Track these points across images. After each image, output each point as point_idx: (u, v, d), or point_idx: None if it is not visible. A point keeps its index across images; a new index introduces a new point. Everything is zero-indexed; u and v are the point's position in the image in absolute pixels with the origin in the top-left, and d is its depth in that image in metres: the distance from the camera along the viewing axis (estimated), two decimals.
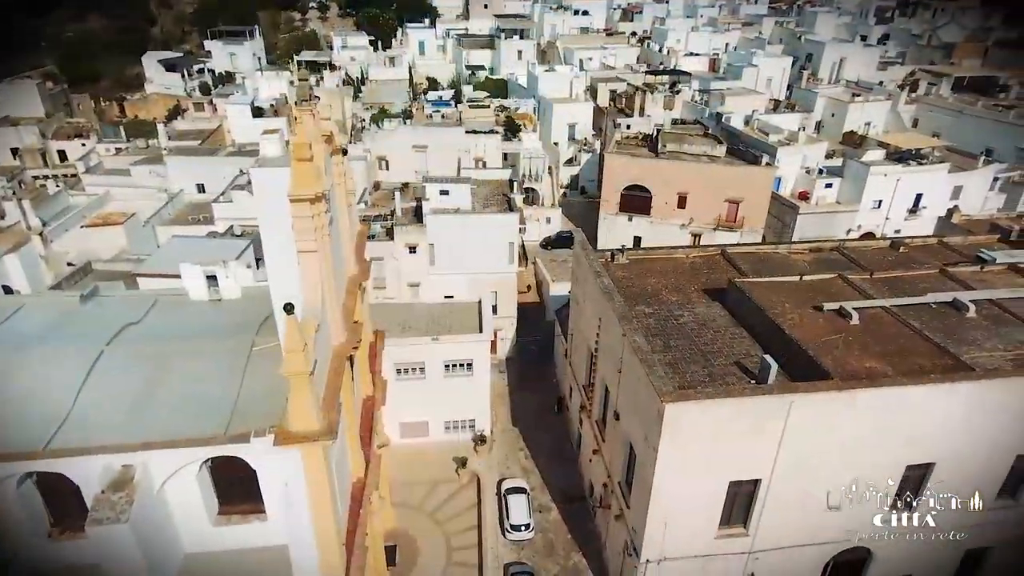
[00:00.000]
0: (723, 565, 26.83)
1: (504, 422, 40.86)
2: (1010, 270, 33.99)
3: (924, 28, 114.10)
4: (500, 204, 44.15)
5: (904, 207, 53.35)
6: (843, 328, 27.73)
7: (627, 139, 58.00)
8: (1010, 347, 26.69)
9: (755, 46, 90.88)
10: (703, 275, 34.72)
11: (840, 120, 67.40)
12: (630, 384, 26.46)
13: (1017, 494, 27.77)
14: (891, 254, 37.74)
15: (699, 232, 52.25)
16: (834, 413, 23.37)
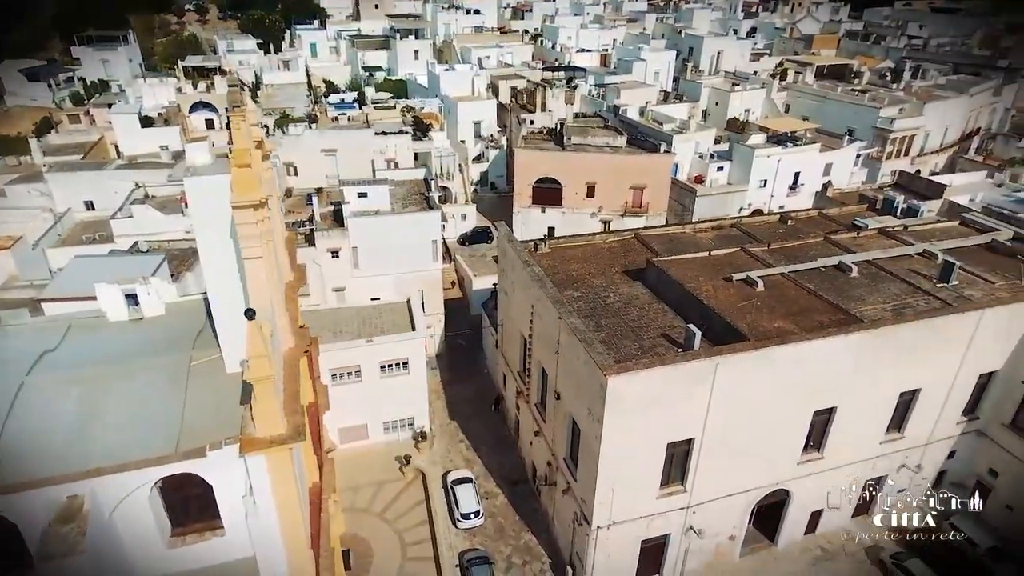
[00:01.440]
0: (665, 521, 29.04)
1: (442, 417, 41.47)
2: (880, 234, 38.61)
3: (785, 22, 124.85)
4: (419, 203, 44.55)
5: (786, 185, 58.77)
6: (751, 295, 30.69)
7: (533, 134, 59.87)
8: (888, 300, 30.62)
9: (641, 41, 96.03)
10: (621, 258, 36.87)
11: (723, 108, 72.94)
12: (569, 364, 27.95)
13: (903, 427, 31.90)
14: (781, 227, 41.67)
15: (609, 219, 54.99)
16: (753, 370, 25.94)
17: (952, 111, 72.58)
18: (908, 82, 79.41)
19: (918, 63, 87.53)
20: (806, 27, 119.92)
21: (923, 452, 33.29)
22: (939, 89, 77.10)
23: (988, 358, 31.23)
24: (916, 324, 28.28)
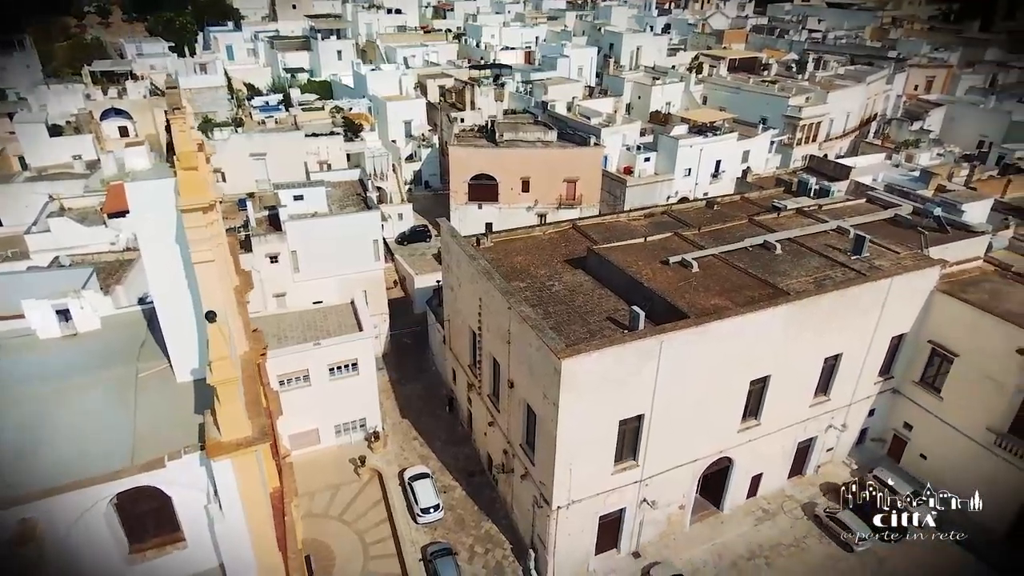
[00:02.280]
0: (620, 496, 30.35)
1: (393, 416, 41.48)
2: (797, 214, 41.48)
3: (697, 18, 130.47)
4: (357, 203, 44.27)
5: (708, 172, 61.84)
6: (687, 276, 32.46)
7: (465, 132, 60.37)
8: (810, 273, 33.09)
9: (563, 39, 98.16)
10: (562, 248, 37.96)
11: (646, 101, 75.71)
12: (522, 351, 28.73)
13: (828, 390, 34.54)
14: (708, 212, 43.95)
15: (545, 212, 56.25)
16: (694, 345, 27.53)
17: (852, 99, 78.16)
18: (812, 73, 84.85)
19: (819, 55, 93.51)
20: (716, 23, 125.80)
21: (847, 412, 36.14)
22: (839, 79, 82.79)
23: (898, 322, 34.29)
24: (835, 294, 30.76)
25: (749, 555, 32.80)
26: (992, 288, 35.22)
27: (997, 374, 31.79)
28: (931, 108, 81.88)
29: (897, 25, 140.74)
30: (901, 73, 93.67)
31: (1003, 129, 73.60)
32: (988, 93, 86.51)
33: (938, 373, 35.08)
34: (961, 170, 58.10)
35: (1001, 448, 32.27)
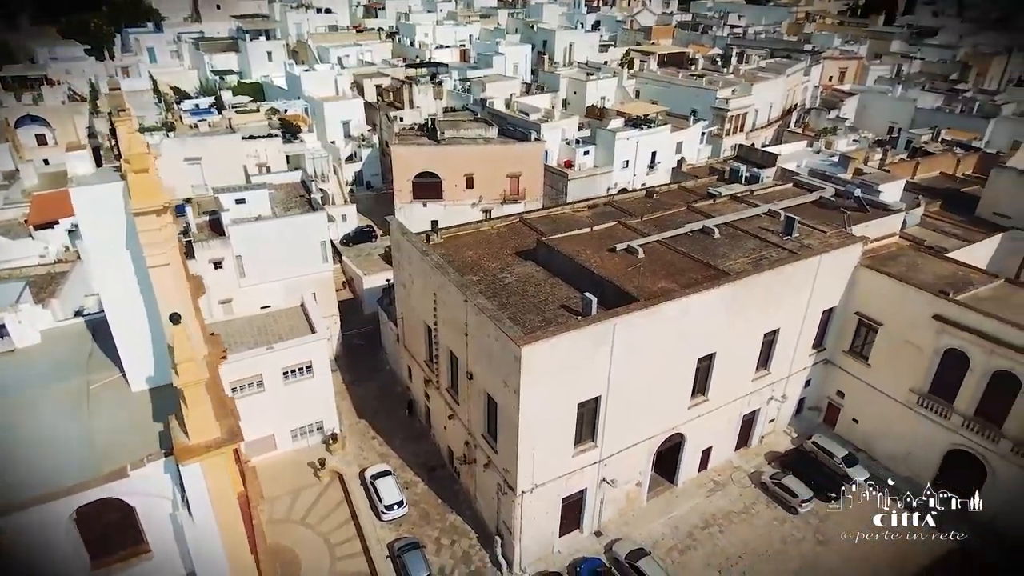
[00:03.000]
0: (581, 477, 31.37)
1: (350, 417, 41.27)
2: (732, 199, 43.65)
3: (625, 15, 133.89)
4: (301, 205, 43.71)
5: (645, 164, 63.92)
6: (634, 262, 33.79)
7: (405, 131, 60.28)
8: (747, 254, 35.03)
9: (496, 37, 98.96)
10: (511, 241, 38.67)
11: (582, 97, 77.39)
12: (480, 342, 29.31)
13: (768, 364, 36.64)
14: (648, 201, 45.60)
15: (489, 208, 56.88)
16: (645, 327, 28.78)
17: (774, 90, 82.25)
18: (736, 66, 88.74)
19: (742, 49, 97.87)
20: (643, 19, 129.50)
21: (786, 384, 38.43)
22: (761, 71, 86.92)
23: (828, 296, 36.75)
24: (771, 273, 32.75)
25: (703, 524, 34.47)
26: (908, 261, 38.23)
27: (917, 339, 34.55)
28: (845, 97, 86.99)
29: (810, 20, 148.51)
30: (817, 65, 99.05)
31: (910, 115, 79.05)
32: (895, 82, 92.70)
33: (865, 342, 37.75)
34: (875, 154, 62.15)
35: (923, 407, 35.10)
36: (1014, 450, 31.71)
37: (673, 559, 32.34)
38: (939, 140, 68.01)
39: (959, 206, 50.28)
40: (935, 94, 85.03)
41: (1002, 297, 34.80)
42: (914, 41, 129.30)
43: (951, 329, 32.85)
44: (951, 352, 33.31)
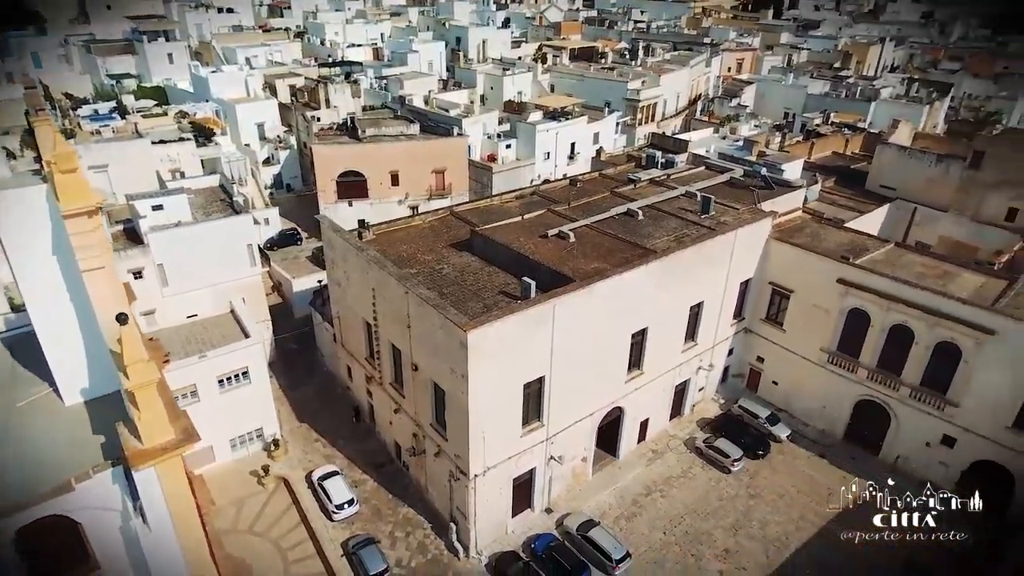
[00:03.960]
0: (530, 457, 32.37)
1: (291, 422, 40.48)
2: (651, 183, 45.87)
3: (533, 11, 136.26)
4: (223, 209, 42.33)
5: (565, 154, 65.75)
6: (566, 246, 35.07)
7: (325, 130, 59.30)
8: (670, 233, 37.08)
9: (408, 34, 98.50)
10: (444, 234, 39.08)
11: (499, 92, 78.46)
12: (424, 332, 29.67)
13: (695, 336, 38.93)
14: (572, 189, 47.06)
15: (416, 204, 56.93)
16: (582, 306, 30.06)
17: (680, 81, 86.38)
18: (643, 59, 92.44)
19: (647, 43, 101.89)
20: (552, 15, 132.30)
21: (712, 354, 40.93)
22: (667, 64, 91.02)
23: (744, 268, 39.46)
24: (693, 248, 34.88)
25: (646, 491, 36.31)
26: (812, 232, 41.62)
27: (824, 302, 37.72)
28: (744, 86, 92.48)
29: (707, 15, 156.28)
30: (716, 57, 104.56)
31: (802, 101, 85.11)
32: (787, 71, 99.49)
33: (779, 309, 40.79)
34: (775, 138, 66.67)
35: (832, 364, 38.38)
36: (912, 395, 35.31)
37: (621, 526, 33.92)
38: (829, 123, 73.79)
39: (850, 181, 54.99)
40: (822, 81, 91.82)
41: (893, 259, 38.56)
42: (800, 33, 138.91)
43: (853, 291, 36.12)
44: (854, 312, 36.62)
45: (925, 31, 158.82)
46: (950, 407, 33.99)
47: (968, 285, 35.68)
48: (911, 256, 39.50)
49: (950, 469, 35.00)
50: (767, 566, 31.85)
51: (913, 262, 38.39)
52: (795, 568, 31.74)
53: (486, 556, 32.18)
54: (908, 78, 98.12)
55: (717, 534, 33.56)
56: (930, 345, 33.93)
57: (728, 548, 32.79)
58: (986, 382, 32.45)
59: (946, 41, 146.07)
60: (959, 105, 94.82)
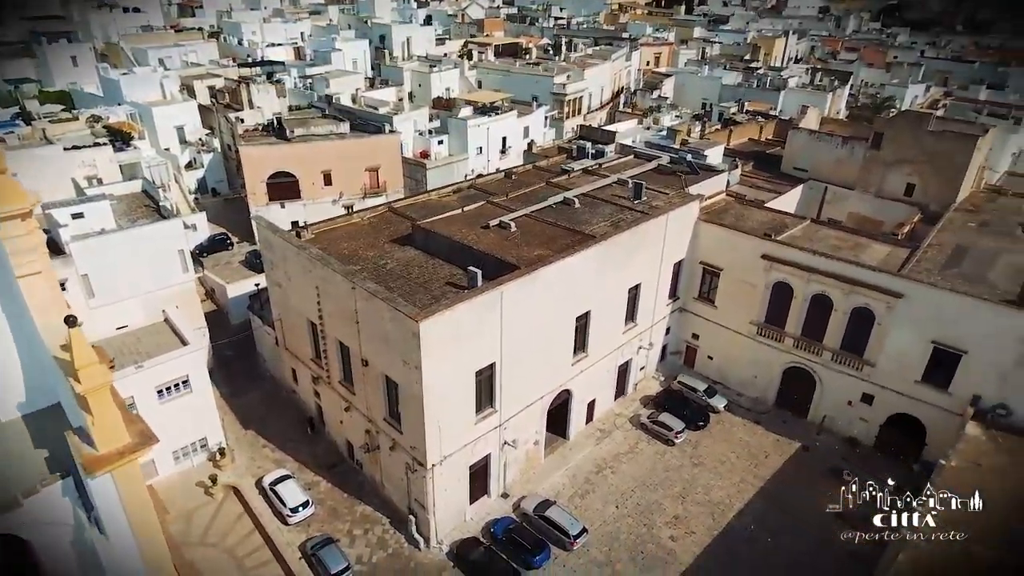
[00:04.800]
0: (484, 443, 32.99)
1: (235, 430, 39.45)
2: (584, 173, 47.31)
3: (455, 9, 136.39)
4: (148, 215, 40.69)
5: (497, 149, 66.57)
6: (508, 235, 35.83)
7: (250, 131, 57.67)
8: (606, 219, 38.49)
9: (330, 33, 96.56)
10: (384, 230, 39.00)
11: (427, 89, 78.38)
12: (374, 327, 29.72)
13: (635, 317, 40.56)
14: (508, 182, 47.84)
15: (351, 203, 56.26)
16: (528, 292, 30.89)
17: (603, 75, 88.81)
18: (566, 54, 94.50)
19: (569, 38, 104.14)
20: (474, 12, 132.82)
21: (650, 333, 42.72)
22: (590, 58, 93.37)
23: (677, 250, 41.40)
24: (630, 232, 36.36)
25: (597, 469, 37.62)
26: (736, 213, 44.09)
27: (751, 278, 40.10)
28: (664, 79, 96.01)
29: (623, 11, 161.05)
30: (636, 51, 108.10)
31: (717, 91, 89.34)
32: (702, 64, 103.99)
33: (710, 287, 43.03)
34: (695, 127, 69.77)
35: (761, 335, 40.88)
36: (833, 358, 38.15)
37: (576, 504, 35.05)
38: (744, 111, 77.85)
39: (766, 165, 58.35)
40: (735, 72, 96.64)
41: (810, 235, 41.45)
42: (711, 28, 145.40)
43: (777, 265, 38.62)
44: (778, 285, 39.15)
45: (823, 25, 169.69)
46: (867, 367, 36.96)
47: (877, 255, 38.86)
48: (825, 231, 42.56)
49: (870, 424, 38.09)
50: (714, 527, 33.73)
51: (828, 236, 41.40)
52: (739, 526, 33.77)
53: (447, 545, 32.56)
54: (812, 68, 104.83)
55: (666, 503, 35.21)
56: (847, 311, 36.76)
57: (677, 515, 34.48)
58: (897, 342, 35.50)
59: (842, 34, 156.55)
60: (858, 92, 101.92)
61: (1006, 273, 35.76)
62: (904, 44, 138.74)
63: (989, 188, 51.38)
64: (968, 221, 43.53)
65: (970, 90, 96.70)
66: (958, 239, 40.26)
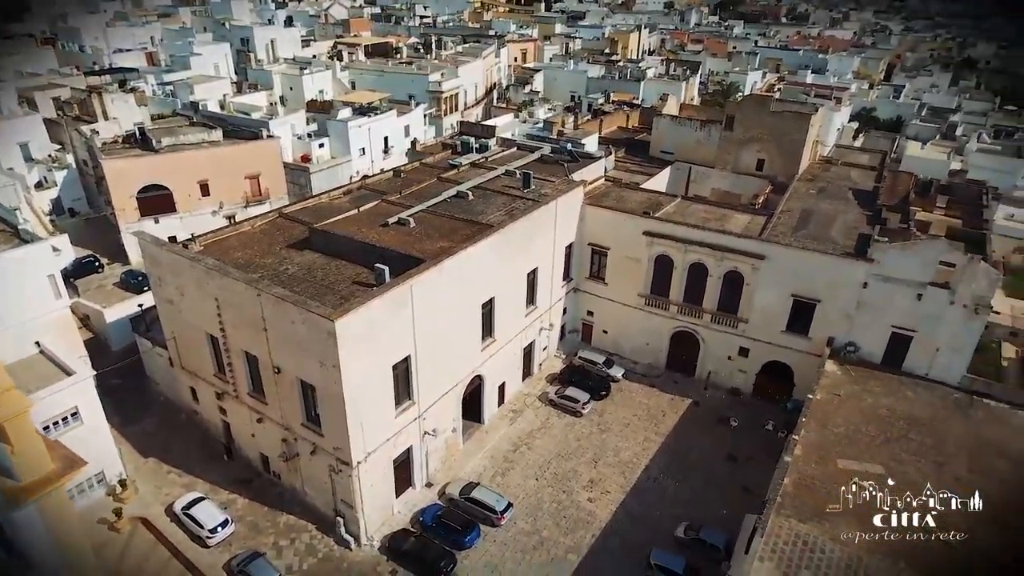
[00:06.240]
0: (406, 436, 33.68)
1: (135, 459, 37.20)
2: (472, 166, 48.81)
3: (316, 9, 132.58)
4: (8, 239, 37.09)
5: (380, 149, 66.42)
6: (409, 231, 36.58)
7: (111, 144, 53.62)
8: (500, 208, 40.25)
9: (184, 36, 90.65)
10: (277, 236, 38.12)
11: (299, 92, 76.13)
12: (284, 332, 29.44)
13: (535, 300, 42.67)
14: (398, 180, 48.28)
15: (233, 212, 54.10)
16: (436, 283, 31.89)
17: (475, 72, 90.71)
18: (437, 52, 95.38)
19: (438, 36, 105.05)
20: (336, 12, 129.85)
21: (549, 314, 45.12)
22: (461, 56, 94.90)
23: (567, 233, 44.01)
24: (524, 219, 38.33)
25: (513, 448, 39.44)
26: (616, 195, 47.52)
27: (635, 253, 43.52)
28: (533, 74, 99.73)
29: (487, 8, 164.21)
30: (504, 48, 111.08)
31: (584, 84, 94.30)
32: (567, 59, 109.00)
33: (600, 266, 46.12)
34: (568, 118, 73.51)
35: (649, 306, 44.53)
36: (712, 319, 42.45)
37: (498, 482, 36.65)
38: (610, 101, 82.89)
39: (636, 150, 62.94)
40: (598, 66, 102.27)
41: (682, 210, 45.61)
42: (571, 24, 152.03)
43: (657, 240, 42.26)
44: (660, 257, 42.83)
45: (670, 19, 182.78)
46: (741, 324, 41.54)
47: (740, 224, 43.60)
48: (695, 206, 46.97)
49: (748, 374, 42.84)
50: (626, 484, 36.64)
51: (697, 211, 45.78)
52: (647, 479, 36.94)
53: (377, 541, 32.97)
54: (665, 59, 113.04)
55: (581, 469, 37.70)
56: (720, 276, 41.07)
57: (592, 479, 37.05)
58: (764, 298, 40.23)
59: (687, 27, 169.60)
60: (707, 80, 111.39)
61: (843, 230, 41.57)
62: (740, 36, 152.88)
63: (823, 159, 58.78)
64: (809, 189, 49.77)
65: (798, 75, 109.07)
66: (803, 205, 46.02)
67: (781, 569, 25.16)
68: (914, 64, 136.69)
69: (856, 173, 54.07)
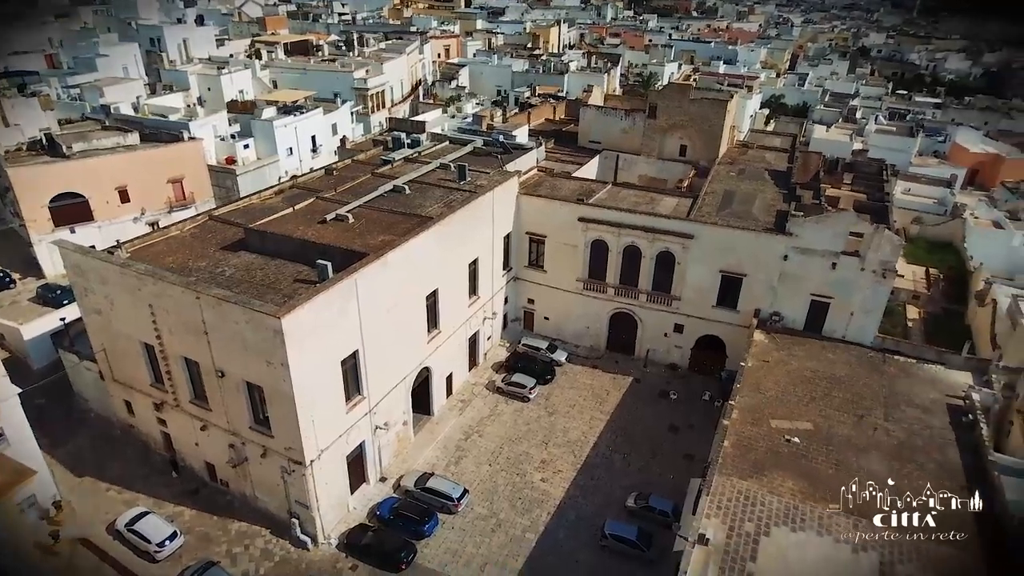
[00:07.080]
0: (358, 431, 33.65)
1: (68, 480, 35.40)
2: (406, 161, 48.84)
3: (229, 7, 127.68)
4: None
5: (308, 148, 65.13)
6: (348, 227, 36.43)
7: (15, 152, 50.34)
8: (438, 201, 40.58)
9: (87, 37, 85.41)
10: (209, 239, 37.03)
11: (218, 92, 73.32)
12: (227, 334, 28.80)
13: (477, 290, 43.28)
14: (331, 178, 47.59)
15: (156, 219, 51.95)
16: (380, 276, 31.99)
17: (400, 68, 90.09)
18: (360, 50, 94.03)
19: (360, 33, 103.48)
20: (251, 11, 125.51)
21: (492, 304, 45.85)
22: (384, 52, 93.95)
23: (504, 223, 44.82)
24: (463, 211, 38.84)
25: (465, 436, 39.98)
26: (550, 184, 48.69)
27: (571, 240, 44.81)
28: (458, 69, 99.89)
29: (406, 5, 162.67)
30: (427, 44, 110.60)
31: (510, 78, 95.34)
32: (490, 54, 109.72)
33: (538, 254, 47.17)
34: (497, 112, 74.32)
35: (587, 290, 45.98)
36: (648, 299, 44.32)
37: (452, 471, 37.12)
38: (536, 95, 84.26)
39: (565, 141, 64.40)
40: (522, 60, 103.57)
41: (614, 196, 47.24)
42: (492, 19, 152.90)
43: (591, 225, 43.69)
44: (595, 243, 44.28)
45: (587, 14, 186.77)
46: (675, 301, 43.58)
47: (668, 206, 45.61)
48: (625, 192, 48.74)
49: (683, 349, 45.00)
50: (576, 462, 37.86)
51: (627, 196, 47.53)
52: (596, 456, 38.31)
53: (335, 538, 32.83)
54: (587, 53, 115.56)
55: (532, 451, 38.67)
56: (653, 257, 42.91)
57: (544, 459, 38.09)
58: (694, 276, 42.35)
59: (604, 21, 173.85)
60: (627, 72, 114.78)
61: (762, 208, 44.25)
62: (655, 29, 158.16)
63: (740, 144, 62.06)
64: (729, 171, 52.54)
65: (711, 65, 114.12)
66: (725, 186, 48.58)
67: (727, 523, 26.87)
68: (815, 54, 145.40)
69: (770, 155, 57.43)
